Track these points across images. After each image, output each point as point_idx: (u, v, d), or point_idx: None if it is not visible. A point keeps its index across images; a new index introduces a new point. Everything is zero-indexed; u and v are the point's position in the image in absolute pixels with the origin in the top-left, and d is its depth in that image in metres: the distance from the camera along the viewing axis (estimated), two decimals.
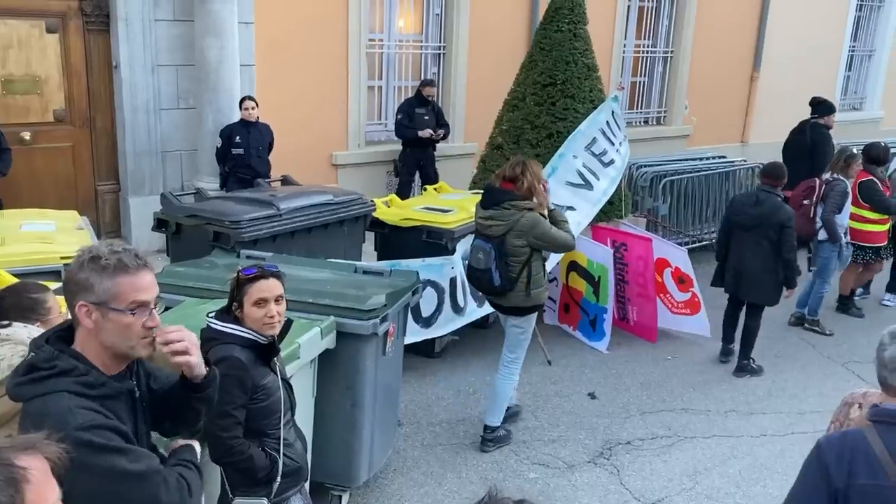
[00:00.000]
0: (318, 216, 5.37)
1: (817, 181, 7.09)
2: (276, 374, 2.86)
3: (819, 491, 2.22)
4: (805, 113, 8.85)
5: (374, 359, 3.95)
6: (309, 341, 3.58)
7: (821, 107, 8.88)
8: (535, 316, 4.84)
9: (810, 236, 7.23)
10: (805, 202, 7.16)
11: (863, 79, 14.15)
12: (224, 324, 2.78)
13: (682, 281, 6.18)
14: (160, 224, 5.45)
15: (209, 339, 2.76)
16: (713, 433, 5.25)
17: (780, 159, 7.07)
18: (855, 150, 7.10)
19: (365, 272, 4.44)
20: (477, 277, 4.73)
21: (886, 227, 7.23)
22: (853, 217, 7.17)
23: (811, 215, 7.04)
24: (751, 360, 6.20)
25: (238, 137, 6.95)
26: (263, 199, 5.26)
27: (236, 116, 7.13)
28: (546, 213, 4.69)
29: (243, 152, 6.96)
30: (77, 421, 1.80)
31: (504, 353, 4.91)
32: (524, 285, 4.61)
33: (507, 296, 4.65)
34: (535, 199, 4.59)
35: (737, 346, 6.28)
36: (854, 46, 13.68)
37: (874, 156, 7.20)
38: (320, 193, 5.57)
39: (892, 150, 8.15)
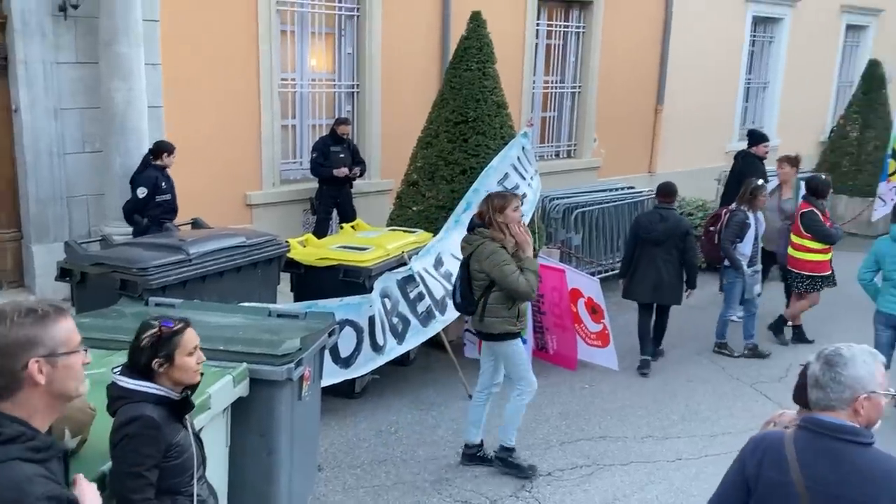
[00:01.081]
0: (229, 259, 5.28)
1: (724, 210, 7.42)
2: (187, 429, 2.79)
3: (736, 480, 2.51)
4: (708, 143, 9.32)
5: (290, 404, 3.89)
6: (220, 390, 3.50)
7: (751, 137, 9.48)
8: (508, 344, 4.99)
9: (717, 262, 7.56)
10: (711, 229, 7.50)
11: (759, 109, 14.93)
12: (133, 381, 2.69)
13: (594, 311, 6.33)
14: (64, 273, 5.26)
15: (117, 397, 2.67)
16: (630, 460, 5.37)
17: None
18: (761, 182, 7.48)
19: (279, 315, 4.38)
20: (452, 291, 5.21)
21: (829, 256, 7.46)
22: (797, 247, 7.48)
23: (716, 242, 7.36)
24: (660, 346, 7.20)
25: (164, 183, 6.81)
26: (172, 244, 5.14)
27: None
28: (518, 253, 4.82)
29: (170, 198, 6.85)
30: (38, 490, 1.75)
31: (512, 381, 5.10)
32: (480, 310, 4.89)
33: (472, 318, 5.02)
34: (507, 236, 4.83)
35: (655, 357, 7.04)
36: (750, 79, 14.44)
37: (814, 188, 7.52)
38: (232, 236, 5.49)
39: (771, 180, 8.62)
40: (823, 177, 7.92)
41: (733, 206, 7.33)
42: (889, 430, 5.53)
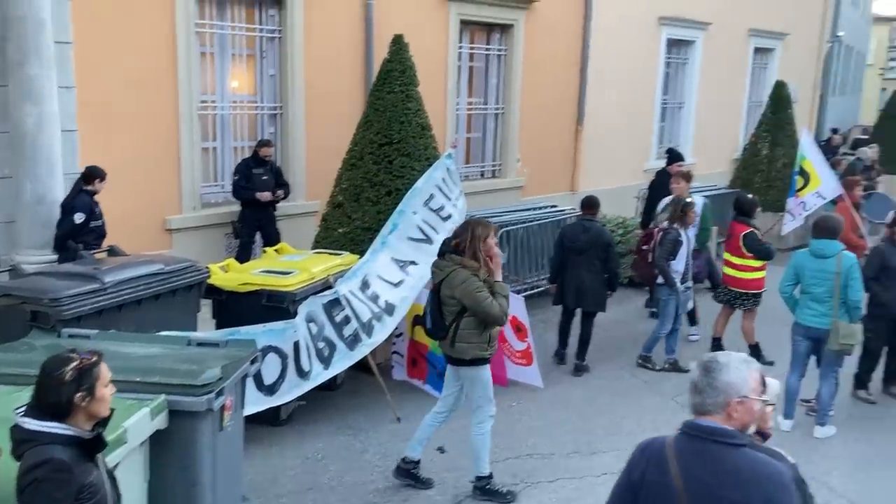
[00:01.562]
0: (147, 287, 5.14)
1: (655, 229, 7.59)
2: (100, 468, 2.69)
3: (623, 486, 2.63)
4: (627, 162, 9.60)
5: (211, 435, 3.80)
6: (137, 424, 3.40)
7: (668, 157, 9.84)
8: (475, 370, 4.98)
9: (651, 280, 7.71)
10: (644, 248, 7.66)
11: (676, 129, 15.44)
12: (40, 422, 2.57)
13: (519, 329, 6.41)
14: None
15: (23, 440, 2.55)
16: (558, 476, 5.43)
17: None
18: (689, 199, 7.68)
19: (199, 344, 4.29)
20: (423, 317, 5.22)
21: (765, 273, 7.67)
22: (740, 267, 7.66)
23: (649, 261, 7.53)
24: (584, 366, 7.43)
25: (97, 209, 6.65)
26: (86, 273, 4.97)
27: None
28: (489, 279, 4.84)
29: (101, 223, 6.67)
30: None
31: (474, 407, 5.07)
32: (451, 336, 4.90)
33: (443, 344, 5.00)
34: (479, 263, 4.83)
35: (570, 351, 7.53)
36: (666, 99, 14.94)
37: (743, 207, 7.69)
38: (149, 263, 5.34)
39: (702, 197, 8.93)
40: (749, 196, 8.08)
41: (665, 224, 7.49)
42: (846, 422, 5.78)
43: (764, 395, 2.57)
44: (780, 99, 13.85)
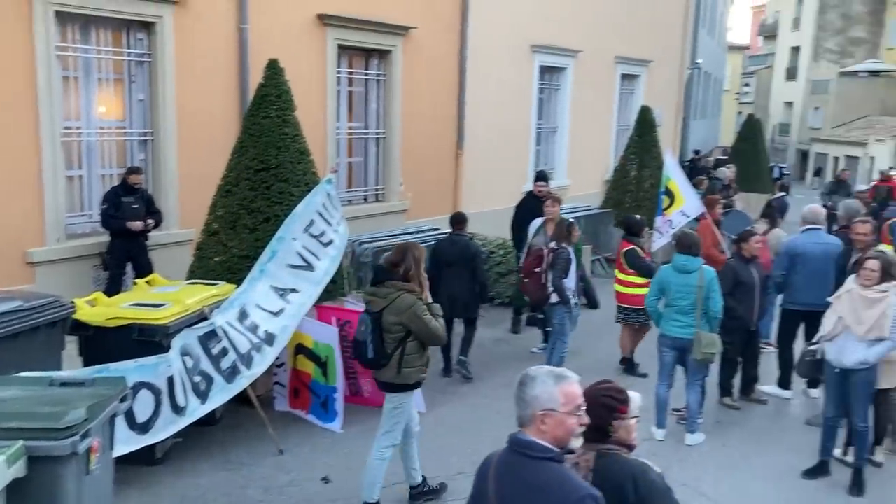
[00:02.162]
0: (5, 326, 4.80)
1: (545, 250, 7.73)
2: None
3: (470, 497, 2.77)
4: (506, 184, 9.87)
5: (77, 480, 3.58)
6: None
7: (535, 178, 10.35)
8: (411, 395, 5.16)
9: (543, 302, 7.83)
10: (537, 270, 7.78)
11: (551, 152, 15.99)
12: None
13: None
14: None
15: None
16: (446, 500, 5.44)
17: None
18: (571, 219, 8.03)
19: (63, 384, 4.04)
20: (357, 348, 5.12)
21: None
22: (626, 283, 8.04)
23: (542, 282, 7.67)
24: (467, 362, 7.92)
25: None
26: None
27: None
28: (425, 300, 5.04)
29: None
30: None
31: (379, 428, 5.15)
32: (396, 362, 4.96)
33: (380, 370, 5.03)
34: (420, 287, 5.02)
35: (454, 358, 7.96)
36: (541, 124, 15.45)
37: (631, 227, 8.29)
38: (7, 300, 5.00)
39: (577, 216, 9.28)
40: (638, 217, 8.59)
41: (553, 244, 7.66)
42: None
43: (579, 410, 2.64)
44: (645, 123, 14.62)
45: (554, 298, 7.58)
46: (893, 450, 6.42)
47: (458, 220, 8.13)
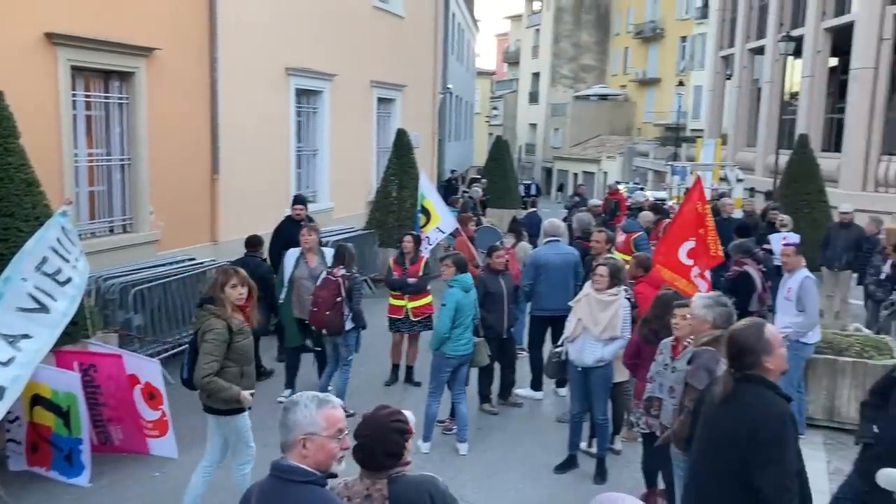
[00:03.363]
0: None
1: (340, 280, 7.51)
2: None
3: None
4: (269, 209, 9.71)
5: None
6: None
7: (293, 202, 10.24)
8: (239, 416, 5.22)
9: (341, 330, 7.50)
10: (339, 300, 7.42)
11: (313, 175, 15.95)
12: None
13: (152, 396, 5.99)
14: None
15: None
16: None
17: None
18: (348, 244, 8.07)
19: None
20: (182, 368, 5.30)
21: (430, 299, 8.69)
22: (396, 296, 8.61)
23: (342, 311, 7.42)
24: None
25: None
26: None
27: None
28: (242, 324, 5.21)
29: None
30: None
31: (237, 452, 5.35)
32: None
33: (200, 393, 5.15)
34: (225, 309, 5.11)
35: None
36: (301, 147, 15.37)
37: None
38: None
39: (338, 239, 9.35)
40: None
41: (343, 271, 7.52)
42: None
43: (341, 434, 2.69)
44: (402, 145, 15.11)
45: (349, 325, 7.49)
46: (628, 437, 7.14)
47: (253, 243, 8.54)
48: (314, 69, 15.03)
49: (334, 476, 2.84)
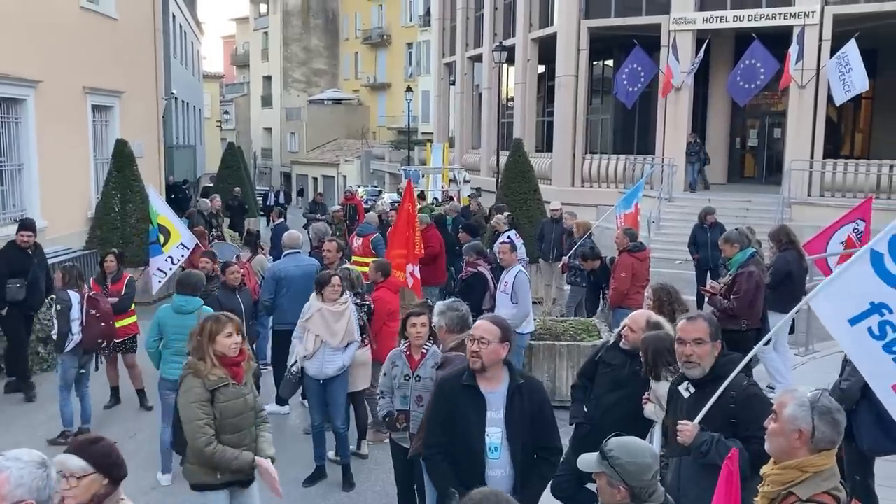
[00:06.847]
0: None
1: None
2: None
3: None
4: None
5: None
6: None
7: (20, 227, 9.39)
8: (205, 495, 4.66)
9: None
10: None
11: (20, 192, 14.29)
12: None
13: None
14: None
15: None
16: None
17: None
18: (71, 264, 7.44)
19: None
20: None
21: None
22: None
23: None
24: None
25: None
26: None
27: None
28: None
29: None
30: None
31: None
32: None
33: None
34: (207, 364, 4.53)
35: None
36: (3, 161, 13.72)
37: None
38: None
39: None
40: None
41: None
42: None
43: (4, 500, 2.52)
44: (123, 156, 14.12)
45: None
46: (375, 440, 7.33)
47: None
48: (13, 75, 13.50)
49: None
